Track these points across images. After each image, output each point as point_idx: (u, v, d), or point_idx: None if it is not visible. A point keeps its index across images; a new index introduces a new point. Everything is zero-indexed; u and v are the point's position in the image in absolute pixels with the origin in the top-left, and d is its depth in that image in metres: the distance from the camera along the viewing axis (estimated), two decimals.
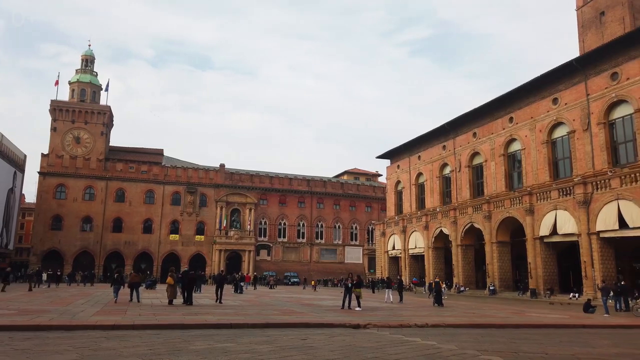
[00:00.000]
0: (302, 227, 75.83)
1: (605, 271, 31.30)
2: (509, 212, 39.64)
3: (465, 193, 47.93)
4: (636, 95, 31.32)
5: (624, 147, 33.09)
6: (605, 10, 48.47)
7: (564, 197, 34.51)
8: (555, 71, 37.28)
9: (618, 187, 30.54)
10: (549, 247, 36.78)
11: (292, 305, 24.05)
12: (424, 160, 55.51)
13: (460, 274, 45.35)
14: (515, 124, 41.99)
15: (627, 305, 25.67)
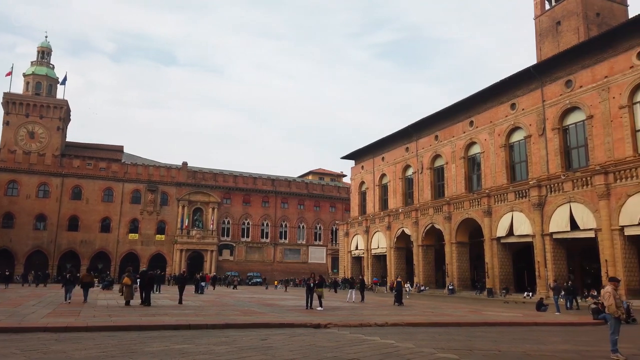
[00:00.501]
0: (266, 227, 75.42)
1: (557, 271, 32.60)
2: (468, 213, 40.70)
3: (426, 194, 48.89)
4: (588, 102, 32.78)
5: (577, 152, 34.57)
6: (562, 20, 50.52)
7: (520, 199, 35.73)
8: (514, 77, 38.54)
9: (570, 191, 31.87)
10: (505, 248, 38.00)
11: (253, 305, 23.87)
12: (387, 162, 56.26)
13: (420, 273, 46.21)
14: (475, 128, 43.15)
15: (577, 303, 26.81)
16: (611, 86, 31.28)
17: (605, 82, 31.66)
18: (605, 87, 31.61)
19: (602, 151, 31.49)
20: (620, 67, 30.90)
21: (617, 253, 28.40)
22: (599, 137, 31.82)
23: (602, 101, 31.75)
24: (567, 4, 50.05)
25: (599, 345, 12.09)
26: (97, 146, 72.77)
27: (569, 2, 49.83)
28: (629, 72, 30.24)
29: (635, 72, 29.84)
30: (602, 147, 31.57)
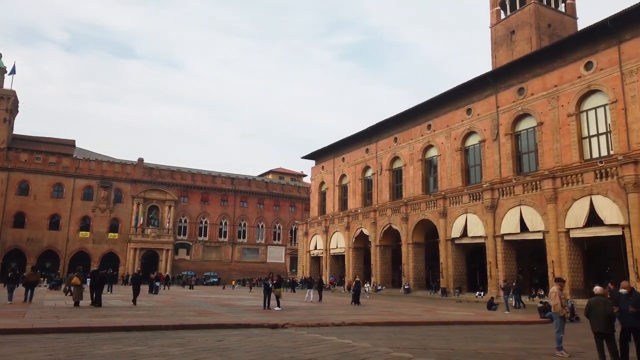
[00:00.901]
0: (224, 225, 74.39)
1: (508, 271, 33.88)
2: (425, 214, 41.64)
3: (385, 195, 49.65)
4: (539, 109, 34.24)
5: (527, 157, 36.04)
6: (516, 30, 52.53)
7: (474, 201, 36.88)
8: (470, 83, 39.75)
9: (521, 194, 33.19)
10: (459, 249, 39.13)
11: (209, 305, 23.49)
12: (347, 162, 56.73)
13: (378, 273, 46.88)
14: (433, 131, 44.19)
15: (522, 302, 27.88)
16: (560, 95, 32.80)
17: (555, 90, 33.16)
18: (555, 96, 33.12)
19: (551, 157, 32.97)
20: (569, 76, 32.45)
21: (562, 254, 29.80)
22: (548, 143, 33.29)
23: (552, 109, 33.24)
24: (521, 15, 52.11)
25: (545, 343, 12.65)
26: (47, 140, 69.46)
27: (523, 12, 51.91)
28: (577, 82, 31.81)
29: (583, 82, 31.42)
30: (551, 152, 33.05)
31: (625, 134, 28.64)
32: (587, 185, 28.82)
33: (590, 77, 31.03)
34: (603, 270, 33.10)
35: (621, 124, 28.97)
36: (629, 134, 28.47)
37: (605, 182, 27.90)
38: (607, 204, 27.71)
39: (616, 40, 29.67)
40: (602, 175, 28.22)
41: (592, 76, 30.93)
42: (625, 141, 28.63)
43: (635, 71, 28.39)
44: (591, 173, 28.86)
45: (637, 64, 28.31)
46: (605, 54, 30.34)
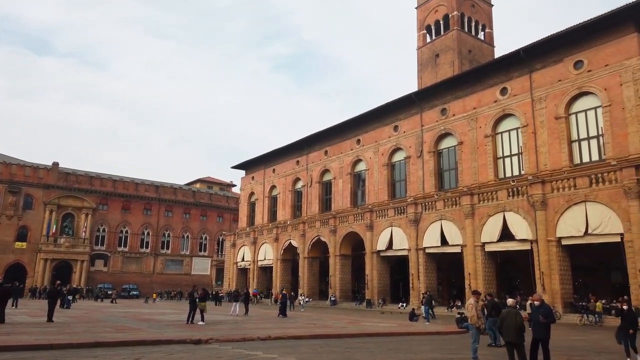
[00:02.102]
0: (146, 235, 71.08)
1: (429, 283, 35.36)
2: (352, 227, 42.51)
3: (314, 207, 50.09)
4: (459, 129, 36.36)
5: (448, 174, 38.03)
6: (440, 53, 55.66)
7: (399, 215, 38.25)
8: (398, 101, 41.41)
9: (442, 209, 34.92)
10: (384, 261, 40.29)
11: (127, 321, 22.25)
12: (278, 174, 56.66)
13: (305, 285, 47.00)
14: (362, 146, 45.41)
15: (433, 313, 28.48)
16: (478, 117, 35.08)
17: (474, 112, 35.42)
18: (474, 117, 35.36)
19: (470, 174, 35.05)
20: (487, 100, 34.83)
21: (478, 267, 31.65)
22: (467, 162, 35.40)
23: (471, 129, 35.44)
24: (445, 40, 55.35)
25: (462, 352, 13.29)
26: None
27: (446, 37, 55.17)
28: (494, 106, 34.21)
29: (499, 106, 33.85)
30: (469, 170, 35.15)
31: (535, 156, 31.16)
32: (501, 202, 30.94)
33: (505, 102, 33.50)
34: (514, 282, 35.57)
35: (531, 147, 31.48)
36: (537, 156, 31.00)
37: (517, 199, 30.11)
38: (518, 220, 29.89)
39: (528, 69, 32.34)
40: (514, 193, 30.44)
41: (506, 101, 33.41)
42: (534, 162, 31.12)
43: (544, 98, 31.06)
44: (504, 191, 31.02)
45: (546, 91, 31.00)
46: (518, 81, 32.93)
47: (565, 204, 27.64)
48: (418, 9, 59.98)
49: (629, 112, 26.75)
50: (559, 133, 30.03)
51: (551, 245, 27.90)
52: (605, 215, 25.95)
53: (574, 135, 29.89)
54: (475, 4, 57.35)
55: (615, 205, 25.56)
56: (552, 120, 30.42)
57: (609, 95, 27.75)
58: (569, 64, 30.02)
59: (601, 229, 26.08)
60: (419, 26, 59.52)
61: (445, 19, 55.81)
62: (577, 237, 27.18)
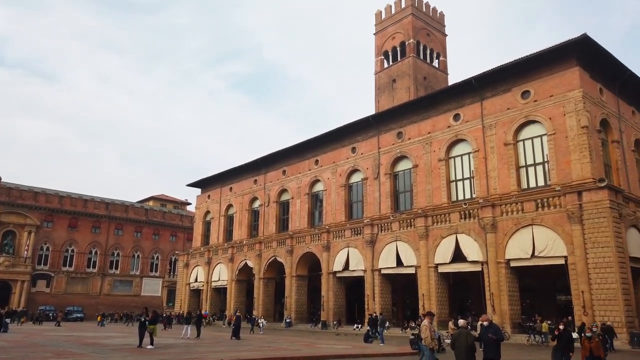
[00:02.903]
0: (94, 255, 68.05)
1: (384, 304, 35.60)
2: (309, 247, 42.38)
3: (271, 227, 49.66)
4: (414, 153, 37.32)
5: (404, 195, 38.81)
6: (397, 79, 57.32)
7: (356, 236, 38.51)
8: (356, 124, 42.13)
9: (397, 230, 35.48)
10: (340, 282, 40.29)
11: (70, 345, 21.05)
12: (235, 192, 55.97)
13: (260, 306, 46.18)
14: (320, 167, 45.70)
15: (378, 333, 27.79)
16: (433, 141, 36.17)
17: (429, 137, 36.51)
18: (429, 141, 36.44)
19: (424, 197, 35.90)
20: (440, 125, 36.02)
21: (432, 288, 32.20)
22: (422, 184, 36.28)
23: (426, 153, 36.46)
24: (401, 66, 57.12)
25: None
26: None
27: (403, 64, 56.96)
28: (447, 131, 35.41)
29: (452, 131, 35.05)
30: (424, 193, 36.01)
31: (486, 180, 32.35)
32: (454, 225, 31.79)
33: (457, 127, 34.76)
34: (465, 303, 36.36)
35: (482, 171, 32.69)
36: (488, 180, 32.20)
37: (468, 222, 31.05)
38: (470, 242, 30.77)
39: (479, 96, 33.79)
40: (466, 216, 31.38)
41: (459, 126, 34.68)
42: (485, 186, 32.29)
43: (494, 125, 32.47)
44: (457, 213, 31.94)
45: (496, 119, 32.43)
46: (470, 108, 34.31)
47: (513, 227, 28.73)
48: (376, 35, 61.74)
49: (571, 141, 28.34)
50: (507, 159, 31.37)
51: (500, 266, 28.83)
52: (551, 239, 27.15)
53: (521, 161, 31.29)
54: (431, 33, 59.69)
55: (559, 229, 26.80)
56: (501, 146, 31.78)
57: (554, 124, 29.36)
58: (517, 93, 31.61)
59: (547, 251, 27.24)
60: (377, 52, 61.19)
61: (402, 46, 57.67)
62: (524, 259, 28.24)
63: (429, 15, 60.22)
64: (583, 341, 10.94)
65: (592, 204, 25.69)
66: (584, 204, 25.93)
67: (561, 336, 11.86)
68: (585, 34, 27.64)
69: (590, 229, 25.54)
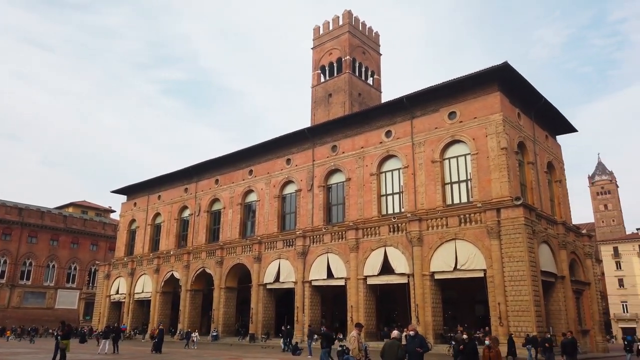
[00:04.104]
0: (3, 264, 62.51)
1: (313, 316, 35.66)
2: (240, 258, 41.67)
3: (201, 237, 48.31)
4: (348, 166, 38.04)
5: (336, 208, 39.34)
6: (333, 93, 58.41)
7: (288, 248, 38.41)
8: (291, 135, 42.29)
9: (329, 242, 35.83)
10: (270, 294, 39.89)
11: None
12: (164, 201, 53.95)
13: (186, 319, 44.56)
14: (254, 177, 45.27)
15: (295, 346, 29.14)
16: (365, 156, 37.10)
17: (362, 151, 37.42)
18: (361, 156, 37.32)
19: (356, 210, 36.61)
20: (373, 141, 37.05)
21: (360, 300, 32.75)
22: (354, 198, 37.01)
23: (358, 167, 37.29)
24: (337, 81, 58.33)
25: None
26: None
27: (339, 79, 58.19)
28: (379, 146, 36.48)
29: (383, 147, 36.16)
30: (356, 206, 36.73)
31: (414, 195, 33.60)
32: (383, 238, 32.66)
33: (389, 144, 35.93)
34: (392, 314, 37.32)
35: (411, 186, 33.94)
36: (416, 195, 33.47)
37: (397, 235, 32.03)
38: (398, 254, 31.72)
39: (410, 115, 35.20)
40: (394, 229, 32.36)
41: (390, 143, 35.87)
42: (413, 201, 33.52)
43: (423, 143, 33.91)
44: (386, 227, 32.86)
45: (425, 137, 33.90)
46: (401, 126, 35.63)
47: (438, 240, 30.02)
48: (314, 49, 62.67)
49: (492, 161, 30.23)
50: (434, 175, 32.83)
51: (425, 279, 29.94)
52: (472, 253, 28.65)
53: (447, 178, 32.87)
54: (366, 52, 61.55)
55: (480, 244, 28.37)
56: (429, 163, 33.22)
57: (477, 144, 31.19)
58: (445, 113, 33.30)
59: (468, 264, 28.69)
60: (314, 66, 62.08)
61: (338, 62, 58.94)
62: (447, 272, 29.54)
63: (365, 34, 62.13)
64: (483, 350, 11.44)
65: (509, 220, 27.47)
66: (502, 221, 27.68)
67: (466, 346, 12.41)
68: (506, 62, 29.80)
69: (507, 244, 27.26)
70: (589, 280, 34.79)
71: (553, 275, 30.04)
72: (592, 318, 34.20)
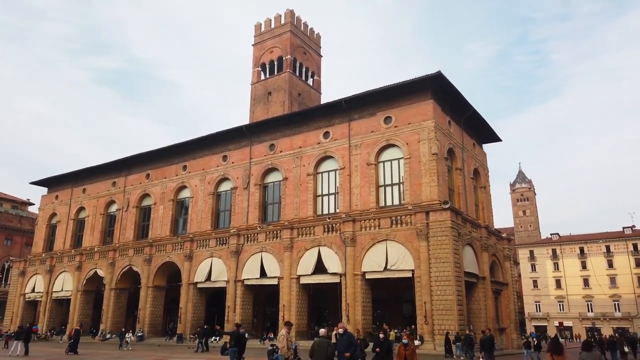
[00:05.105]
0: None
1: (244, 315, 35.28)
2: (170, 256, 40.35)
3: (129, 234, 46.23)
4: (285, 166, 38.01)
5: (272, 207, 39.17)
6: (272, 92, 58.12)
7: (221, 246, 37.71)
8: (228, 132, 41.57)
9: (263, 241, 35.60)
10: (201, 293, 38.96)
11: None
12: (89, 194, 51.07)
13: (109, 319, 42.45)
14: (188, 173, 44.00)
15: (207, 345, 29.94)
16: (303, 156, 37.26)
17: (299, 151, 37.54)
18: (299, 156, 37.44)
19: (291, 209, 36.66)
20: (311, 141, 37.29)
21: (293, 299, 32.83)
22: (290, 197, 37.04)
23: (296, 167, 37.38)
24: (277, 80, 58.13)
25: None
26: None
27: (279, 78, 58.02)
28: (317, 147, 36.77)
29: (321, 148, 36.50)
30: (292, 205, 36.77)
31: (349, 196, 34.20)
32: (317, 237, 32.97)
33: (326, 145, 36.32)
34: (324, 313, 37.74)
35: (346, 188, 34.52)
36: (351, 197, 34.09)
37: (331, 235, 32.46)
38: (331, 254, 32.15)
39: (348, 117, 35.80)
40: (329, 229, 32.76)
41: (328, 144, 36.28)
42: (348, 202, 34.11)
43: (359, 145, 34.61)
44: (321, 227, 33.20)
45: (361, 140, 34.61)
46: (339, 128, 36.14)
47: (370, 241, 30.77)
48: (255, 46, 62.03)
49: (423, 166, 31.44)
50: (369, 178, 33.62)
51: (357, 278, 30.57)
52: (401, 253, 29.64)
53: (381, 181, 33.78)
54: (307, 52, 61.84)
55: (409, 245, 29.41)
56: (364, 165, 33.96)
57: (410, 149, 32.32)
58: (381, 118, 34.20)
59: (397, 265, 29.65)
60: (254, 63, 61.44)
61: (279, 61, 58.74)
62: (378, 272, 30.35)
63: (307, 34, 62.41)
64: (399, 348, 11.36)
65: (437, 223, 28.71)
66: (431, 223, 28.88)
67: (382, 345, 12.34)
68: (439, 72, 31.14)
69: (434, 245, 28.47)
70: (507, 281, 37.14)
71: (475, 276, 31.77)
72: (509, 317, 36.55)
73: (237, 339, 16.16)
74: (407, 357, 10.81)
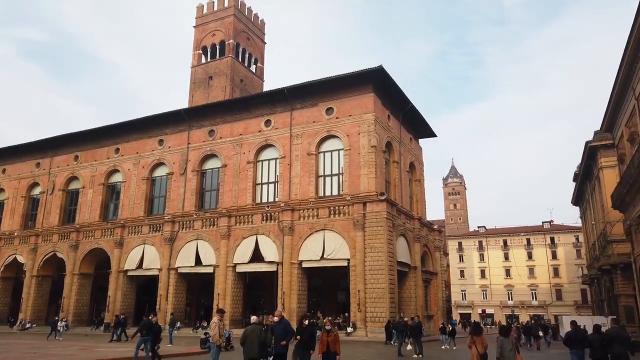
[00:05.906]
0: None
1: (177, 304, 34.50)
2: (99, 243, 38.54)
3: (53, 218, 43.56)
4: (225, 152, 37.30)
5: (210, 194, 38.34)
6: (213, 76, 56.67)
7: (154, 233, 36.51)
8: (165, 115, 40.08)
9: (199, 229, 34.87)
10: (131, 281, 37.59)
11: None
12: (9, 175, 47.53)
13: (29, 308, 39.96)
14: (121, 156, 42.04)
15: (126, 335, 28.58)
16: (244, 143, 36.73)
17: (240, 138, 36.96)
18: (240, 143, 36.86)
19: (230, 197, 36.10)
20: (252, 129, 36.82)
21: (228, 287, 32.51)
22: (229, 185, 36.44)
23: (236, 154, 36.78)
24: (219, 64, 56.74)
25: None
26: None
27: (221, 62, 56.66)
28: (258, 135, 36.38)
29: (262, 136, 36.14)
30: (230, 193, 36.21)
31: (289, 186, 34.19)
32: (255, 226, 32.78)
33: (268, 133, 36.02)
34: (259, 301, 37.71)
35: (286, 177, 34.47)
36: (290, 186, 34.11)
37: (269, 224, 32.39)
38: (269, 243, 32.11)
39: (290, 107, 35.65)
40: (267, 218, 32.67)
41: (269, 132, 35.99)
42: (287, 191, 34.10)
43: (301, 135, 34.64)
44: (259, 215, 33.02)
45: (303, 130, 34.64)
46: (281, 116, 35.94)
47: (308, 230, 31.04)
48: (196, 28, 60.09)
49: (362, 157, 32.04)
50: (309, 168, 33.77)
51: (294, 267, 30.79)
52: (338, 243, 30.17)
53: (321, 171, 34.05)
54: (251, 38, 60.79)
55: (346, 235, 29.98)
56: (305, 155, 34.06)
57: (350, 141, 32.80)
58: (323, 108, 34.38)
59: (334, 254, 30.16)
60: (195, 45, 59.55)
61: (221, 45, 57.30)
62: (315, 261, 30.73)
63: (251, 20, 61.31)
64: (322, 335, 11.18)
65: (373, 214, 29.45)
66: (367, 214, 29.58)
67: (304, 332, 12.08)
68: (381, 66, 31.74)
69: (369, 235, 29.21)
70: (437, 270, 38.89)
71: (407, 265, 32.99)
72: (437, 304, 38.35)
73: (148, 328, 15.76)
74: (329, 344, 10.83)
